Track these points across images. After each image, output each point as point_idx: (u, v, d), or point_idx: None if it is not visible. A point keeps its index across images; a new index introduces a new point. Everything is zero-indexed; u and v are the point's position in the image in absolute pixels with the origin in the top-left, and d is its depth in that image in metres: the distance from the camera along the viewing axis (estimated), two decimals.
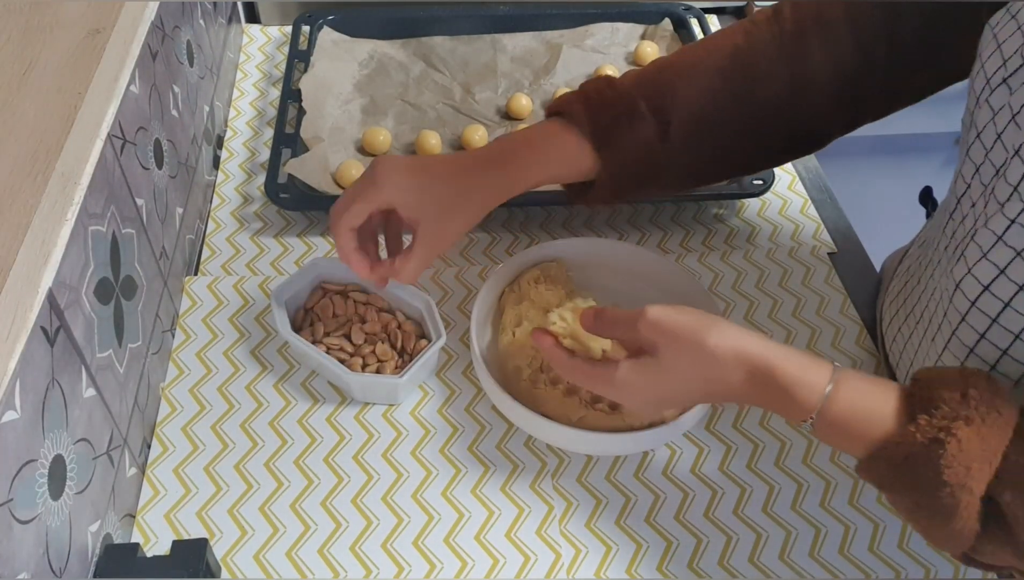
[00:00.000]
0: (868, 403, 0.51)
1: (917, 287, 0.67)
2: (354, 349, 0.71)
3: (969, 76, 0.58)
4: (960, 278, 0.56)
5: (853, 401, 0.51)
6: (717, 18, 1.17)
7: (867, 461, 0.51)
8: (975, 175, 0.56)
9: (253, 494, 0.65)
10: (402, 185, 0.64)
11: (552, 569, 0.62)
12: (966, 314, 0.56)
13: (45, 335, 0.48)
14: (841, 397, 0.51)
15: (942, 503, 0.47)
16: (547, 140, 0.68)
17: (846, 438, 0.52)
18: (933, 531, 0.50)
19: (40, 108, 0.55)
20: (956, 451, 0.46)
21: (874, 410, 0.51)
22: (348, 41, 1.04)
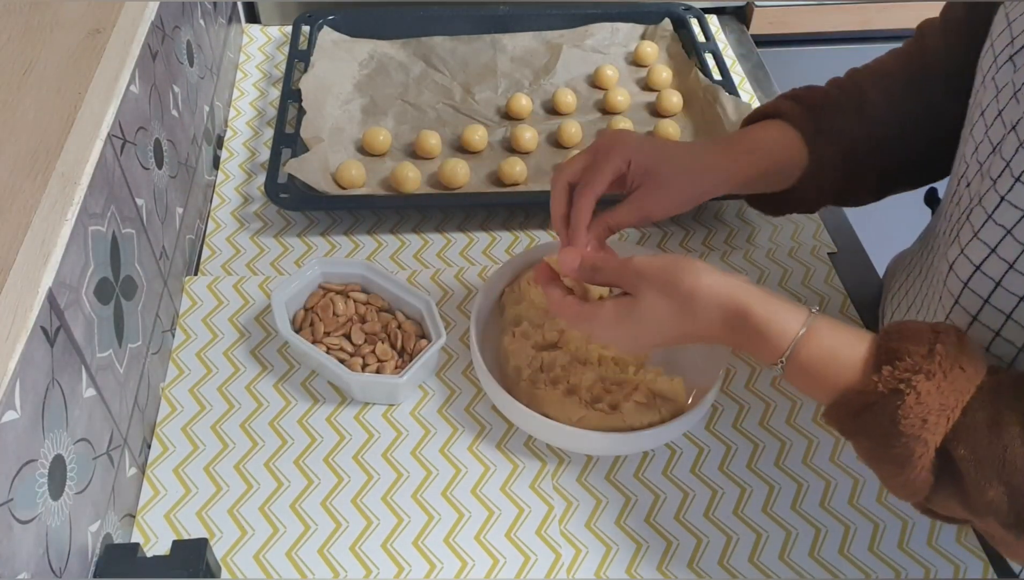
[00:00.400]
0: (837, 350, 0.52)
1: (919, 278, 0.67)
2: (354, 349, 0.71)
3: (980, 59, 0.59)
4: (953, 259, 0.56)
5: (822, 347, 0.52)
6: (717, 18, 1.17)
7: (830, 408, 0.52)
8: (974, 154, 0.56)
9: (253, 494, 0.65)
10: (643, 145, 0.65)
11: (552, 569, 0.62)
12: (959, 296, 0.56)
13: (45, 335, 0.48)
14: (812, 342, 0.52)
15: (897, 452, 0.48)
16: (763, 129, 0.69)
17: (813, 383, 0.53)
18: (889, 480, 0.51)
19: (40, 108, 0.55)
20: (913, 403, 0.47)
21: (842, 357, 0.51)
22: (348, 41, 1.04)
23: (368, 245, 0.85)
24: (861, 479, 0.67)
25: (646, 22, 1.10)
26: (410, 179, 0.87)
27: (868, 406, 0.49)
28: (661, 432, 0.64)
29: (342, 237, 0.85)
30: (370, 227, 0.87)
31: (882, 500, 0.66)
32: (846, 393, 0.50)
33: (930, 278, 0.63)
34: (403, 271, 0.82)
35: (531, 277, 0.75)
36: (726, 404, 0.72)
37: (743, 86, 1.06)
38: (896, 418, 0.48)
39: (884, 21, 1.19)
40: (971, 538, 0.64)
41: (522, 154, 0.92)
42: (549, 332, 0.71)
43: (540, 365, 0.68)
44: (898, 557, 0.63)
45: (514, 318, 0.72)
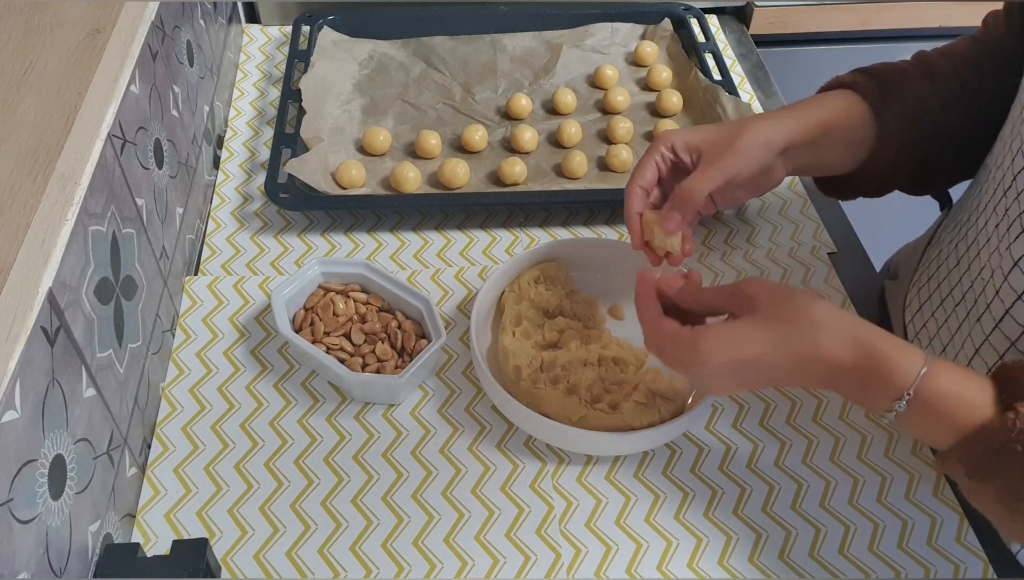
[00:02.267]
0: (964, 387, 0.51)
1: (956, 269, 0.66)
2: (354, 349, 0.71)
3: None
4: (1020, 256, 0.55)
5: (950, 382, 0.51)
6: (717, 18, 1.17)
7: (961, 446, 0.49)
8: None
9: (253, 494, 0.65)
10: (689, 129, 0.65)
11: (552, 569, 0.62)
12: (1022, 293, 0.55)
13: (45, 335, 0.48)
14: (939, 378, 0.51)
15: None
16: (825, 95, 0.68)
17: (940, 420, 0.50)
18: (1017, 519, 0.49)
19: (40, 108, 0.55)
20: None
21: (970, 394, 0.50)
22: (348, 41, 1.04)
23: (368, 245, 0.85)
24: (861, 479, 0.67)
25: (646, 22, 1.10)
26: (410, 179, 0.87)
27: (1006, 444, 0.48)
28: (661, 432, 0.64)
29: (342, 237, 0.85)
30: (370, 227, 0.87)
31: (882, 500, 0.66)
32: (982, 430, 0.49)
33: (973, 272, 0.63)
34: (403, 271, 0.82)
35: (531, 277, 0.75)
36: (726, 404, 0.72)
37: (743, 86, 1.06)
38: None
39: (883, 21, 1.19)
40: (971, 538, 0.64)
41: (522, 154, 0.92)
42: (549, 332, 0.71)
43: (540, 365, 0.68)
44: (898, 557, 0.63)
45: (514, 318, 0.72)
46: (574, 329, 0.71)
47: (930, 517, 0.65)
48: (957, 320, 0.64)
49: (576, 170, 0.89)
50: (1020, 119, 0.58)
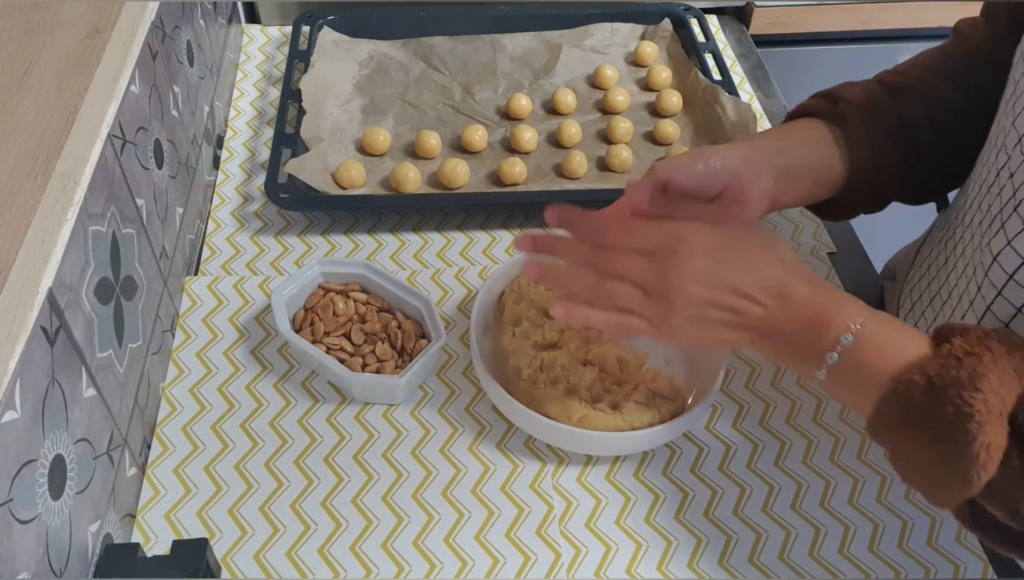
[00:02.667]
0: (901, 335, 0.51)
1: (944, 269, 0.67)
2: (354, 349, 0.71)
3: (1018, 46, 0.58)
4: (998, 251, 0.56)
5: (890, 325, 0.52)
6: (717, 18, 1.17)
7: (897, 387, 0.49)
8: (1017, 145, 0.56)
9: (253, 494, 0.65)
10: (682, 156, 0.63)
11: (552, 569, 0.62)
12: (1003, 288, 0.55)
13: (45, 335, 0.48)
14: (880, 320, 0.52)
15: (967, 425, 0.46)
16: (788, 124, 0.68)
17: (875, 365, 0.50)
18: (945, 469, 0.48)
19: (40, 108, 0.55)
20: (991, 363, 0.47)
21: (907, 342, 0.51)
22: (348, 41, 1.04)
23: (368, 245, 0.85)
24: (861, 479, 0.67)
25: (646, 22, 1.10)
26: (410, 179, 0.87)
27: (943, 375, 0.47)
28: (661, 432, 0.64)
29: (342, 237, 0.85)
30: (370, 227, 0.87)
31: (882, 500, 0.66)
32: (918, 363, 0.49)
33: (959, 269, 0.63)
34: (403, 271, 0.82)
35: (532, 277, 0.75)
36: (726, 404, 0.72)
37: (743, 86, 1.06)
38: (975, 377, 0.46)
39: (883, 21, 1.19)
40: (971, 538, 0.64)
41: (522, 154, 0.92)
42: (549, 332, 0.71)
43: (540, 365, 0.68)
44: (898, 557, 0.63)
45: (514, 318, 0.72)
46: (574, 329, 0.71)
47: (930, 517, 0.65)
48: (944, 318, 0.65)
49: (576, 170, 0.89)
50: (1005, 115, 0.58)
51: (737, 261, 0.54)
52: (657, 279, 0.54)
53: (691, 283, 0.53)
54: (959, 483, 0.47)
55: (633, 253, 0.55)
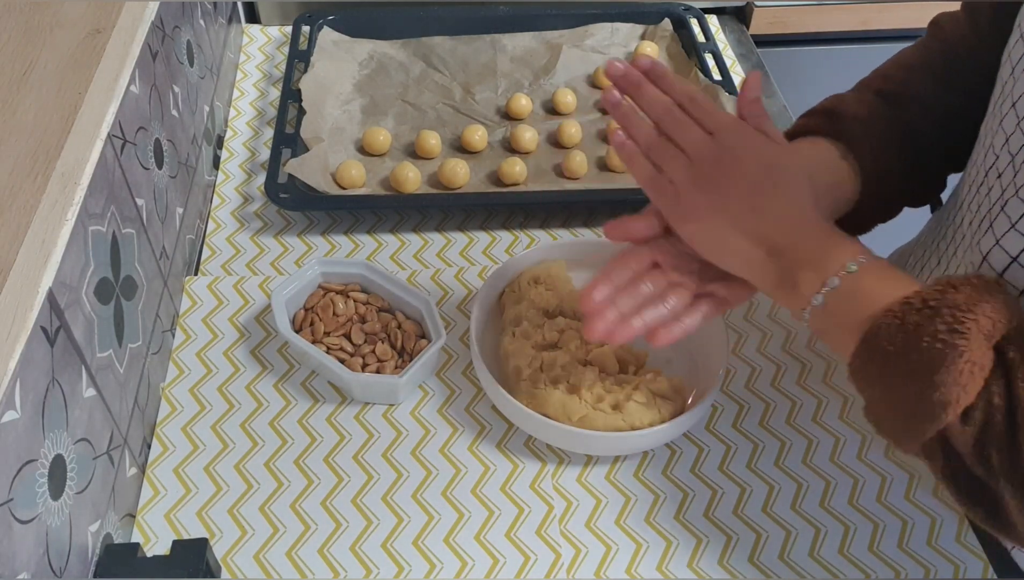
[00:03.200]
0: (898, 275, 0.52)
1: (936, 269, 0.67)
2: (354, 349, 0.71)
3: (1006, 47, 0.58)
4: (987, 250, 0.56)
5: (887, 269, 0.52)
6: (717, 18, 1.17)
7: (893, 306, 0.49)
8: (1005, 145, 0.56)
9: (253, 494, 0.65)
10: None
11: (552, 569, 0.62)
12: None
13: (45, 335, 0.48)
14: (877, 263, 0.52)
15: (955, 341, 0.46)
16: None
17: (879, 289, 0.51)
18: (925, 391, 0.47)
19: (40, 108, 0.55)
20: (985, 292, 0.47)
21: (905, 278, 0.52)
22: (348, 41, 1.04)
23: (368, 245, 0.85)
24: (861, 479, 0.67)
25: (646, 22, 1.10)
26: (410, 179, 0.87)
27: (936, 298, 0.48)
28: (661, 432, 0.64)
29: (342, 237, 0.85)
30: (370, 227, 0.87)
31: (882, 500, 0.66)
32: (917, 291, 0.49)
33: (951, 269, 0.63)
34: (403, 271, 0.82)
35: (531, 277, 0.75)
36: (726, 404, 0.72)
37: None
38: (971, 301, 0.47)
39: (883, 21, 1.19)
40: (971, 538, 0.64)
41: (522, 154, 0.92)
42: (549, 332, 0.71)
43: (540, 365, 0.68)
44: (898, 557, 0.63)
45: (514, 318, 0.72)
46: (574, 329, 0.71)
47: (930, 517, 0.65)
48: None
49: (576, 170, 0.89)
50: (993, 115, 0.58)
51: (779, 184, 0.56)
52: (709, 157, 0.56)
53: (733, 173, 0.56)
54: (937, 408, 0.47)
55: (697, 126, 0.57)
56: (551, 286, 0.74)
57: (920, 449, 0.50)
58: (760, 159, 0.56)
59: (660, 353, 0.72)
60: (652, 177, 0.58)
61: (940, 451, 0.49)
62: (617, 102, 0.60)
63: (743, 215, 0.55)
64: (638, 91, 0.59)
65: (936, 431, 0.48)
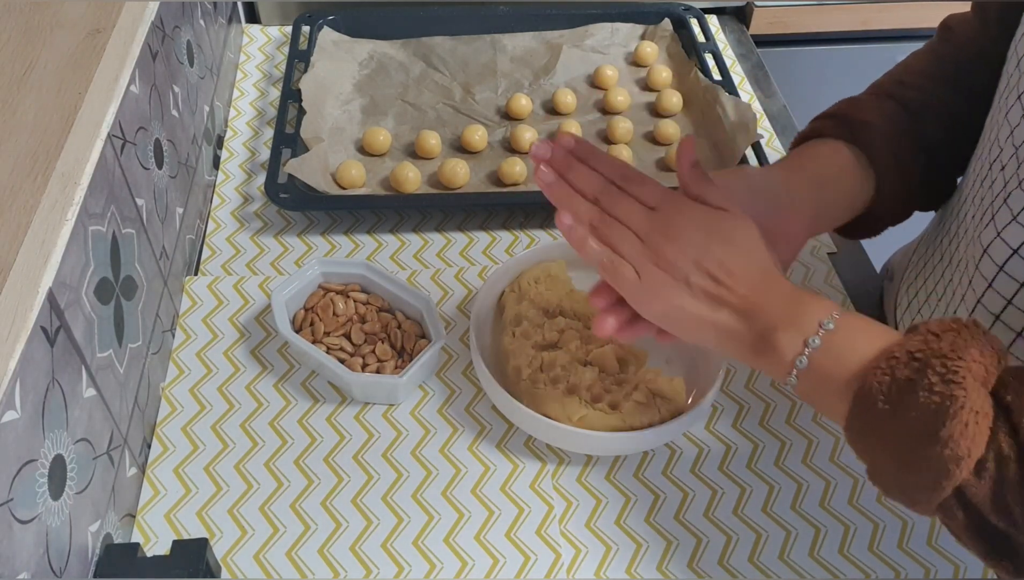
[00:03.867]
0: (878, 325, 0.51)
1: (939, 265, 0.67)
2: (354, 349, 0.71)
3: (1012, 41, 0.58)
4: (988, 242, 0.56)
5: (865, 319, 0.51)
6: (717, 18, 1.17)
7: (878, 362, 0.48)
8: (1009, 138, 0.56)
9: (253, 494, 0.65)
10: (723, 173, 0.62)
11: (552, 569, 0.62)
12: (993, 280, 0.55)
13: (45, 335, 0.48)
14: (855, 315, 0.51)
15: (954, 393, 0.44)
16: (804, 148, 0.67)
17: (861, 345, 0.49)
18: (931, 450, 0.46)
19: (40, 108, 0.55)
20: (968, 337, 0.46)
21: (884, 329, 0.50)
22: (348, 41, 1.04)
23: (368, 245, 0.85)
24: (861, 479, 0.67)
25: (646, 22, 1.10)
26: (410, 179, 0.87)
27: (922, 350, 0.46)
28: (661, 432, 0.64)
29: (342, 237, 0.86)
30: (370, 227, 0.87)
31: (882, 500, 0.66)
32: (899, 342, 0.48)
33: (954, 264, 0.63)
34: (403, 271, 0.82)
35: (531, 277, 0.75)
36: (726, 404, 0.72)
37: (743, 86, 1.06)
38: (956, 347, 0.45)
39: (883, 21, 1.19)
40: None
41: (522, 154, 0.92)
42: (549, 332, 0.71)
43: (540, 365, 0.68)
44: (898, 557, 0.63)
45: (514, 318, 0.72)
46: (574, 329, 0.71)
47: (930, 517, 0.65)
48: (939, 315, 0.65)
49: None
50: (998, 108, 0.59)
51: (731, 242, 0.54)
52: (656, 230, 0.54)
53: (685, 245, 0.54)
54: (950, 464, 0.45)
55: (637, 202, 0.56)
56: (551, 286, 0.74)
57: (937, 509, 0.48)
58: (707, 222, 0.54)
59: (660, 353, 0.72)
60: (608, 262, 0.56)
61: (959, 508, 0.47)
62: (552, 181, 0.58)
63: (704, 282, 0.53)
64: (569, 172, 0.58)
65: (952, 488, 0.46)
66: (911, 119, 0.66)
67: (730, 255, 0.53)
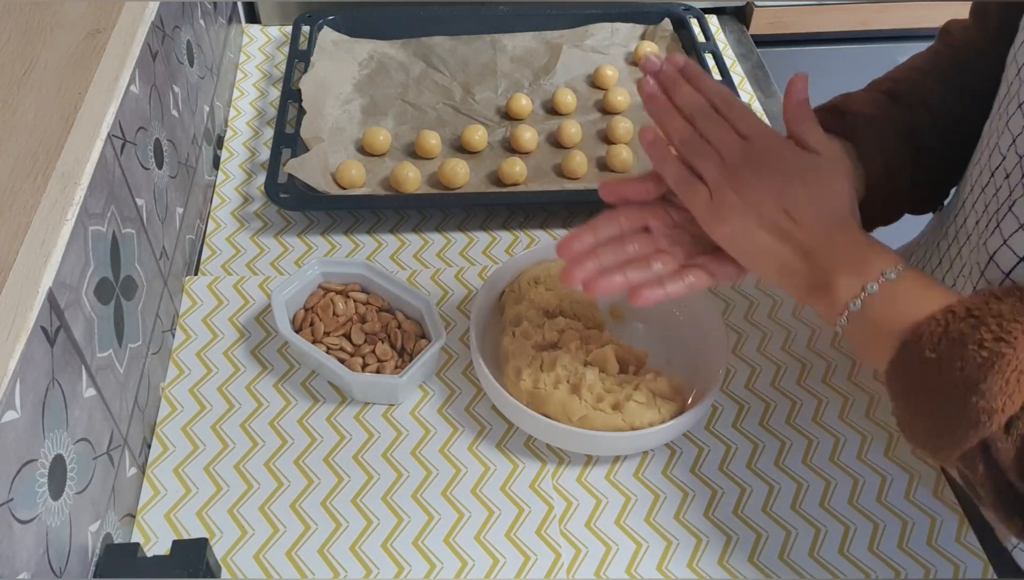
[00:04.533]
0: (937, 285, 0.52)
1: (939, 269, 0.67)
2: (354, 349, 0.71)
3: (1011, 48, 0.58)
4: (994, 250, 0.56)
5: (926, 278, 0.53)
6: (717, 18, 1.17)
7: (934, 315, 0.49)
8: (1011, 146, 0.56)
9: (253, 494, 0.65)
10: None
11: (552, 569, 0.62)
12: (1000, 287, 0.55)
13: (45, 335, 0.48)
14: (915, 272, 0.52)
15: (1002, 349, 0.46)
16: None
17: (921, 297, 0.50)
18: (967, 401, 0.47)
19: (40, 108, 0.55)
20: (1016, 304, 0.47)
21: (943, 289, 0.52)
22: (348, 41, 1.04)
23: (368, 245, 0.85)
24: (861, 479, 0.67)
25: (646, 22, 1.10)
26: (410, 179, 0.87)
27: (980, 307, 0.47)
28: (661, 432, 0.64)
29: (342, 237, 0.86)
30: (370, 227, 0.87)
31: (882, 500, 0.66)
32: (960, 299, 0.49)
33: (955, 269, 0.63)
34: (403, 271, 0.82)
35: (531, 277, 0.75)
36: (726, 404, 0.72)
37: (743, 86, 1.06)
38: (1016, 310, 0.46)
39: (883, 21, 1.19)
40: (971, 538, 0.64)
41: (522, 154, 0.92)
42: (549, 332, 0.71)
43: (540, 365, 0.68)
44: (898, 557, 0.63)
45: (514, 318, 0.72)
46: (574, 329, 0.71)
47: (930, 517, 0.65)
48: None
49: (576, 170, 0.89)
50: (999, 116, 0.58)
51: (814, 183, 0.55)
52: (742, 159, 0.56)
53: (768, 178, 0.55)
54: (983, 415, 0.46)
55: (732, 129, 0.57)
56: (551, 286, 0.74)
57: (960, 458, 0.49)
58: (795, 162, 0.56)
59: (660, 353, 0.72)
60: (684, 178, 0.57)
61: (982, 460, 0.48)
62: (653, 93, 0.59)
63: (776, 216, 0.54)
64: (673, 88, 0.59)
65: (978, 440, 0.47)
66: (901, 111, 0.66)
67: (809, 196, 0.55)
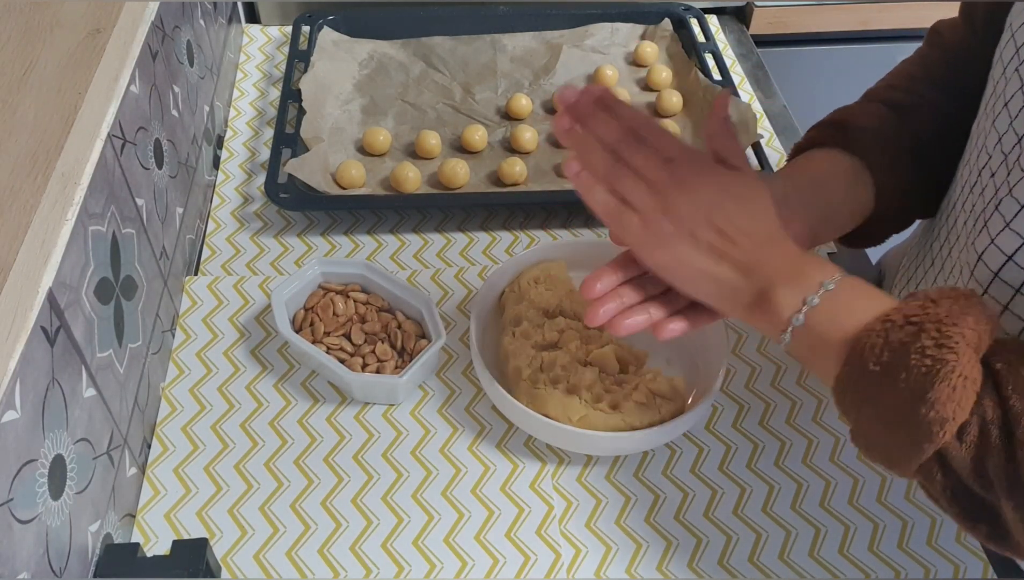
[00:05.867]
0: (877, 291, 0.52)
1: (931, 270, 0.67)
2: (354, 349, 0.71)
3: (997, 47, 0.58)
4: (983, 249, 0.56)
5: (864, 285, 0.52)
6: (717, 18, 1.17)
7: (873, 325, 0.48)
8: (997, 145, 0.56)
9: (253, 494, 0.65)
10: None
11: (552, 569, 0.62)
12: (988, 286, 0.55)
13: (45, 335, 0.48)
14: (853, 280, 0.52)
15: (945, 356, 0.45)
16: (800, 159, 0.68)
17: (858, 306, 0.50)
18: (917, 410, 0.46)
19: (40, 108, 0.55)
20: (966, 305, 0.47)
21: (882, 295, 0.51)
22: (348, 41, 1.04)
23: (368, 245, 0.85)
24: (861, 479, 0.67)
25: (646, 22, 1.10)
26: (410, 179, 0.87)
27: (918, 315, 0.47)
28: (661, 432, 0.64)
29: (342, 237, 0.86)
30: (370, 227, 0.87)
31: (882, 500, 0.66)
32: (896, 307, 0.49)
33: (946, 269, 0.63)
34: (403, 271, 0.82)
35: (531, 277, 0.75)
36: (726, 404, 0.72)
37: (743, 86, 1.06)
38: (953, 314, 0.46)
39: (883, 21, 1.19)
40: (971, 538, 0.64)
41: (522, 154, 0.92)
42: (549, 332, 0.71)
43: (540, 365, 0.68)
44: (898, 557, 0.63)
45: (514, 318, 0.72)
46: (574, 329, 0.71)
47: (930, 517, 0.65)
48: None
49: None
50: (985, 115, 0.59)
51: (742, 201, 0.55)
52: (670, 182, 0.55)
53: (697, 199, 0.54)
54: (934, 426, 0.46)
55: (654, 153, 0.56)
56: (551, 286, 0.74)
57: (917, 471, 0.49)
58: (721, 181, 0.55)
59: (660, 353, 0.72)
60: (613, 208, 0.56)
61: (939, 470, 0.48)
62: (569, 128, 0.58)
63: (710, 236, 0.54)
64: (592, 118, 0.58)
65: (933, 451, 0.47)
66: (901, 121, 0.66)
67: (740, 214, 0.54)
